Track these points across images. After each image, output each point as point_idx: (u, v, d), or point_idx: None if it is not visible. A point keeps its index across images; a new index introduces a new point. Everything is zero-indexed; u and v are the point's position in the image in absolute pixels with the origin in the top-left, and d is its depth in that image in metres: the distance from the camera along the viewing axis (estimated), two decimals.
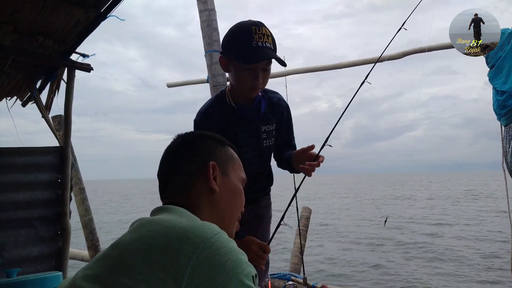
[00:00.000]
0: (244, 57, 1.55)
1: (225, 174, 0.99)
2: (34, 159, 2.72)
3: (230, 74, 1.69)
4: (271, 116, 1.79)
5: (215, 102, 1.75)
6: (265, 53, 1.55)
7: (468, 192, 35.40)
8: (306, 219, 4.80)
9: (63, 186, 2.83)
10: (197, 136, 1.04)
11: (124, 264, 0.71)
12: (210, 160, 0.97)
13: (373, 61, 3.82)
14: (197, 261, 0.68)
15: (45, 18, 2.21)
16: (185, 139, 1.02)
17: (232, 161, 1.04)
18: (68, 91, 2.81)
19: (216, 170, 0.96)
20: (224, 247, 0.72)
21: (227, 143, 1.06)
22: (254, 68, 1.58)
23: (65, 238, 2.81)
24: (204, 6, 4.14)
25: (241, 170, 1.07)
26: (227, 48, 1.63)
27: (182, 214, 0.83)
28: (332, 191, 44.89)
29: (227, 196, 0.98)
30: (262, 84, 1.63)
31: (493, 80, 3.18)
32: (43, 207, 2.73)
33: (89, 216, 4.83)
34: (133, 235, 0.77)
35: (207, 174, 0.95)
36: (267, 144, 1.79)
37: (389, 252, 10.55)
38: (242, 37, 1.56)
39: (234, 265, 0.70)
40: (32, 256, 2.65)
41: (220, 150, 1.02)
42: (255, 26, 1.57)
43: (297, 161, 1.70)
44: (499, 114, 3.18)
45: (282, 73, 4.20)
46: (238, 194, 1.02)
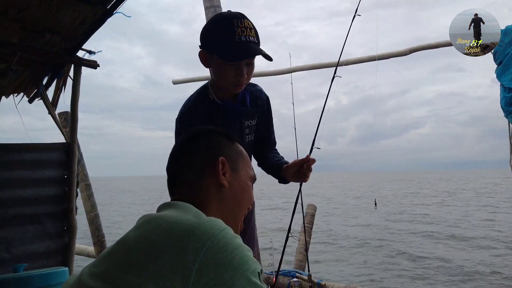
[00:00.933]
0: (227, 54, 1.46)
1: (235, 170, 0.99)
2: (41, 156, 2.73)
3: (211, 69, 1.59)
4: (253, 111, 1.72)
5: (198, 98, 1.66)
6: (250, 48, 1.47)
7: None
8: (311, 216, 4.80)
9: (69, 182, 2.84)
10: (207, 131, 1.03)
11: (130, 261, 0.71)
12: (220, 155, 0.96)
13: (378, 58, 3.80)
14: (204, 258, 0.67)
15: (52, 15, 2.22)
16: (195, 135, 1.02)
17: (242, 158, 1.03)
18: (75, 87, 2.83)
19: (225, 166, 0.96)
20: (231, 244, 0.71)
21: (236, 139, 1.06)
22: (238, 64, 1.49)
23: (71, 234, 2.83)
24: (209, 3, 4.13)
25: (250, 167, 1.06)
26: (207, 43, 1.53)
27: (188, 210, 0.83)
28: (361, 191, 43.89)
29: (236, 192, 0.97)
30: (246, 79, 1.55)
31: (501, 76, 3.16)
32: (49, 203, 2.75)
33: (95, 212, 4.86)
34: (138, 232, 0.76)
35: (216, 170, 0.94)
36: (249, 139, 1.73)
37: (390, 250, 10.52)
38: (223, 32, 1.47)
39: (241, 262, 0.69)
40: (39, 251, 2.67)
41: (229, 146, 1.01)
42: (237, 19, 1.47)
43: (290, 173, 1.65)
44: (506, 111, 3.15)
45: (287, 70, 4.19)
46: (247, 190, 1.01)
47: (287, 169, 1.66)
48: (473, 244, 11.15)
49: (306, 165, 1.59)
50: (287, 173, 1.66)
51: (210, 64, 1.57)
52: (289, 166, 1.66)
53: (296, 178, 1.65)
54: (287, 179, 1.69)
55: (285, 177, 1.69)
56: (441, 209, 20.23)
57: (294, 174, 1.63)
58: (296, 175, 1.63)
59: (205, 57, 1.55)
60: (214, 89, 1.63)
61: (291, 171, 1.64)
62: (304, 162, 1.59)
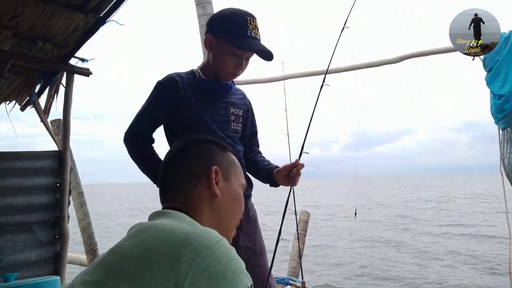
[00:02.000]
0: (239, 42, 1.54)
1: (227, 180, 0.99)
2: (32, 164, 2.72)
3: (211, 54, 1.65)
4: (238, 103, 1.76)
5: (185, 73, 1.69)
6: (259, 44, 1.57)
7: None
8: (304, 223, 4.80)
9: (61, 190, 2.83)
10: (200, 140, 1.04)
11: (123, 270, 0.71)
12: (212, 164, 0.96)
13: (368, 66, 3.83)
14: (198, 269, 0.68)
15: (45, 23, 2.22)
16: (188, 143, 1.02)
17: (234, 167, 1.04)
18: (67, 95, 2.82)
19: (218, 175, 0.96)
20: (225, 256, 0.72)
21: (229, 148, 1.06)
22: (241, 55, 1.59)
23: (63, 243, 2.81)
24: (203, 11, 4.16)
25: (242, 176, 1.07)
26: (219, 28, 1.59)
27: (182, 219, 0.83)
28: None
29: (228, 202, 0.98)
30: (241, 72, 1.65)
31: (490, 84, 3.19)
32: (41, 211, 2.73)
33: (87, 220, 4.81)
34: (133, 240, 0.76)
35: (209, 179, 0.94)
36: (234, 128, 1.73)
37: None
38: (238, 22, 1.55)
39: (233, 276, 0.70)
40: (30, 260, 2.65)
41: (222, 155, 1.02)
42: (250, 16, 1.58)
43: (280, 177, 1.69)
44: (496, 118, 3.18)
45: (280, 77, 4.21)
46: (239, 199, 1.02)
47: (277, 173, 1.70)
48: None
49: (295, 170, 1.62)
50: (278, 177, 1.70)
51: (213, 49, 1.62)
52: (279, 170, 1.70)
53: (286, 182, 1.69)
54: (277, 182, 1.72)
55: (275, 180, 1.72)
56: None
57: (284, 178, 1.67)
58: (286, 179, 1.67)
59: (211, 41, 1.61)
60: (203, 72, 1.68)
61: (281, 175, 1.68)
62: (294, 166, 1.62)
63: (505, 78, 3.06)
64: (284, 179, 1.68)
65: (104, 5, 2.15)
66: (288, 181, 1.67)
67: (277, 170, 1.71)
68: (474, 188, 53.29)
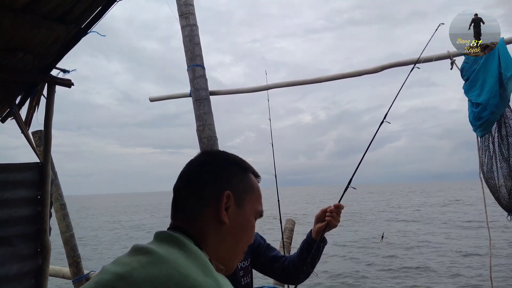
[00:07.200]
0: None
1: (240, 206, 0.93)
2: (12, 176, 2.67)
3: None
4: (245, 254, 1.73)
5: None
6: None
7: None
8: (289, 231, 4.80)
9: (42, 202, 2.78)
10: (220, 158, 0.98)
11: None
12: (226, 188, 0.91)
13: (353, 75, 3.89)
14: None
15: (25, 34, 2.20)
16: (207, 160, 0.97)
17: (251, 192, 0.97)
18: (48, 106, 2.79)
19: (230, 200, 0.91)
20: None
21: (251, 169, 0.99)
22: None
23: (45, 256, 2.76)
24: (186, 22, 4.17)
25: (259, 202, 1.00)
26: None
27: (197, 258, 0.78)
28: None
29: (236, 230, 0.92)
30: None
31: (468, 92, 3.27)
32: (22, 224, 2.68)
33: (70, 232, 4.74)
34: (147, 270, 0.72)
35: (219, 204, 0.89)
36: (245, 282, 1.69)
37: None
38: None
39: None
40: (11, 274, 2.59)
41: (240, 178, 0.96)
42: None
43: (319, 222, 1.66)
44: (474, 125, 3.26)
45: (264, 87, 4.24)
46: (248, 229, 0.96)
47: (316, 221, 1.68)
48: None
49: (333, 209, 1.63)
50: (315, 228, 1.67)
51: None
52: (318, 215, 1.68)
53: (322, 221, 1.65)
54: (318, 232, 1.67)
55: (315, 234, 1.67)
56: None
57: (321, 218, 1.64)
58: (321, 219, 1.65)
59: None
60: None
61: (320, 220, 1.66)
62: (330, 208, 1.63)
63: (482, 87, 3.14)
64: (319, 219, 1.64)
65: (85, 16, 2.14)
66: (333, 220, 1.62)
67: (317, 216, 1.68)
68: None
